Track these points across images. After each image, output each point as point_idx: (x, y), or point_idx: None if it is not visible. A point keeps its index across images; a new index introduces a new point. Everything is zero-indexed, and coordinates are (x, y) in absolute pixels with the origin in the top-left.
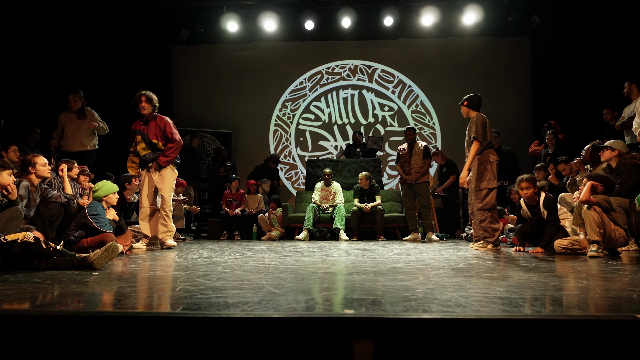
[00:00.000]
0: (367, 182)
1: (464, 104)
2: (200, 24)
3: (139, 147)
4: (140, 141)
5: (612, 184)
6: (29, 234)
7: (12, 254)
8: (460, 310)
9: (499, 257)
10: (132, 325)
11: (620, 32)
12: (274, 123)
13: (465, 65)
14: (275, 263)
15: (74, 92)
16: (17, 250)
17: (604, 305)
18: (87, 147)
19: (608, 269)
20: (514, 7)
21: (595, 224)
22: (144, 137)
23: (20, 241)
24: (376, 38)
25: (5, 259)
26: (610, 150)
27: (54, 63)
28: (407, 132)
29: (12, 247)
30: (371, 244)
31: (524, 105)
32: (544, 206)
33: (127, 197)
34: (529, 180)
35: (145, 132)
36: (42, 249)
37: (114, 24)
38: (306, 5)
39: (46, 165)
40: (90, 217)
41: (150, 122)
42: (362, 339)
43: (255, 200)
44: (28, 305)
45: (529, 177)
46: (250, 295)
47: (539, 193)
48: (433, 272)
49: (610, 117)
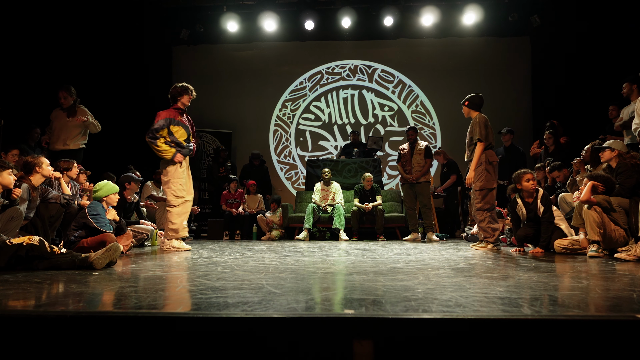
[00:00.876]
0: (370, 182)
1: (465, 104)
2: (200, 24)
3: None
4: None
5: (613, 184)
6: (35, 237)
7: (17, 257)
8: (460, 310)
9: (499, 257)
10: (132, 325)
11: (620, 32)
12: (274, 123)
13: (465, 65)
14: (275, 263)
15: (65, 88)
16: (23, 253)
17: (604, 305)
18: (70, 146)
19: (608, 269)
20: (514, 7)
21: (595, 224)
22: (185, 128)
23: (25, 244)
24: (376, 38)
25: (10, 261)
26: (610, 151)
27: (54, 63)
28: (409, 131)
29: (18, 250)
30: (371, 244)
31: (524, 105)
32: (541, 202)
33: (127, 197)
34: (532, 173)
35: (186, 124)
36: (46, 252)
37: (114, 24)
38: (306, 5)
39: (49, 165)
40: (90, 217)
41: (184, 114)
42: (362, 339)
43: (255, 200)
44: (28, 305)
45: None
46: (250, 295)
47: (537, 190)
48: (433, 272)
49: (615, 114)
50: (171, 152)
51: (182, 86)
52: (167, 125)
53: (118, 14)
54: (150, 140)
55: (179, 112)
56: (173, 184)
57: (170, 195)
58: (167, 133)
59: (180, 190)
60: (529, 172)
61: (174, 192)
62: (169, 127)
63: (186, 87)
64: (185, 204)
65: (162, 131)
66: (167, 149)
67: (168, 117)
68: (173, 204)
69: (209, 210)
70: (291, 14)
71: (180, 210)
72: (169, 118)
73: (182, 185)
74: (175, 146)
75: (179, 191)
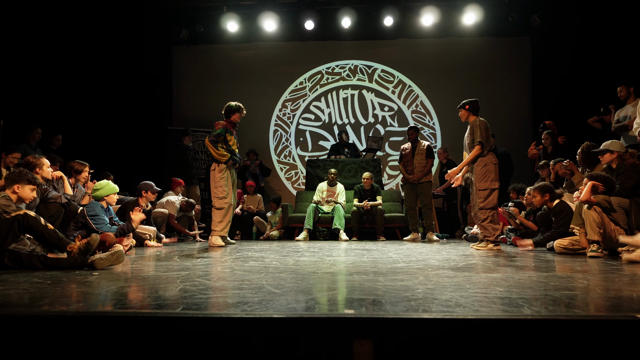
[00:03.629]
0: (370, 182)
1: (466, 107)
2: (200, 24)
3: (232, 145)
4: (231, 139)
5: (613, 183)
6: (31, 212)
7: (13, 233)
8: (460, 310)
9: (499, 257)
10: (132, 325)
11: (620, 32)
12: (274, 123)
13: (465, 65)
14: (275, 263)
15: None
16: (16, 227)
17: (604, 305)
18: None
19: (608, 269)
20: (514, 7)
21: (595, 224)
22: (236, 138)
23: (21, 215)
24: (376, 38)
25: (6, 238)
26: (609, 153)
27: (54, 63)
28: (410, 131)
29: (12, 225)
30: (371, 244)
31: (524, 106)
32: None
33: (140, 204)
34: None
35: (235, 135)
36: (40, 224)
37: (114, 24)
38: (306, 5)
39: (49, 166)
40: (89, 217)
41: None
42: (362, 339)
43: (255, 200)
44: (28, 305)
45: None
46: (250, 295)
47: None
48: (433, 272)
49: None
50: (226, 157)
51: (236, 105)
52: (224, 134)
53: (118, 14)
54: (210, 144)
55: (231, 125)
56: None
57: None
58: (223, 140)
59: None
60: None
61: (216, 194)
62: (225, 136)
63: (239, 106)
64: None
65: (220, 137)
66: (225, 153)
67: (225, 126)
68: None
69: (209, 210)
70: (291, 14)
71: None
72: (226, 127)
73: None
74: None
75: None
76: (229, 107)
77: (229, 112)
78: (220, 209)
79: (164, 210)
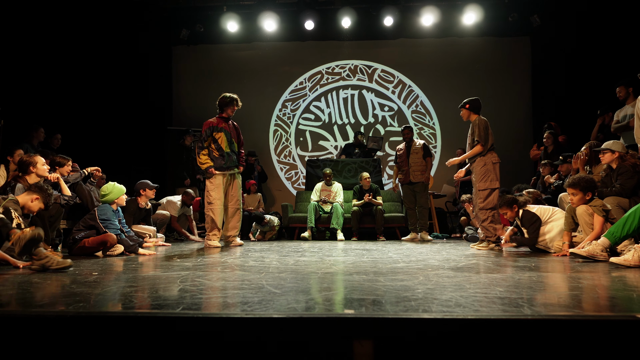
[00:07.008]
0: (369, 182)
1: (466, 106)
2: (200, 24)
3: (221, 143)
4: (220, 136)
5: (592, 182)
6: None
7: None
8: (460, 310)
9: (499, 257)
10: (132, 325)
11: (620, 32)
12: (274, 123)
13: (465, 65)
14: (275, 263)
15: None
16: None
17: (604, 305)
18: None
19: (608, 269)
20: (514, 7)
21: (590, 225)
22: (226, 133)
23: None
24: (376, 38)
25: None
26: (610, 153)
27: (54, 63)
28: (404, 130)
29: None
30: (371, 244)
31: (524, 106)
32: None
33: (140, 203)
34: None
35: (228, 130)
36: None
37: (114, 24)
38: (306, 5)
39: (45, 164)
40: (100, 221)
41: (229, 122)
42: (362, 339)
43: (255, 199)
44: (28, 305)
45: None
46: (250, 295)
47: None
48: (433, 272)
49: (624, 94)
50: (206, 165)
51: (230, 97)
52: (211, 134)
53: (118, 14)
54: (197, 150)
55: (223, 119)
56: (206, 192)
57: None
58: (212, 141)
59: (207, 196)
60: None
61: (205, 199)
62: (212, 135)
63: (233, 98)
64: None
65: (207, 140)
66: (204, 161)
67: (210, 125)
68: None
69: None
70: (291, 14)
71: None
72: (212, 126)
73: (210, 192)
74: (217, 156)
75: (206, 198)
76: (222, 100)
77: (223, 105)
78: (207, 214)
79: (165, 212)
